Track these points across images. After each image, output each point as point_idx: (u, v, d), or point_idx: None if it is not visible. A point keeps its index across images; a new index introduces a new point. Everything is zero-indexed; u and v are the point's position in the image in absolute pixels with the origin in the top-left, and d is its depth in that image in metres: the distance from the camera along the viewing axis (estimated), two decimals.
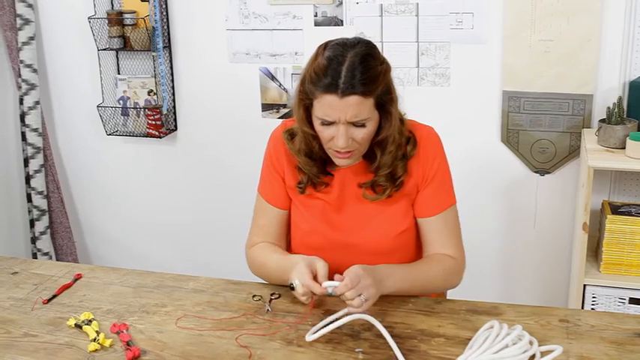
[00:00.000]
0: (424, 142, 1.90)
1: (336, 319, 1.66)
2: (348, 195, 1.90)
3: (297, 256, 1.85)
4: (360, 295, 1.63)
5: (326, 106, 1.71)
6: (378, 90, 1.72)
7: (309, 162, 1.87)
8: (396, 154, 1.83)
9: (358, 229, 1.90)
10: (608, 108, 2.72)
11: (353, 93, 1.68)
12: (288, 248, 2.03)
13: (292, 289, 1.69)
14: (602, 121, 2.74)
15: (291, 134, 1.91)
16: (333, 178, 1.91)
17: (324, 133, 1.77)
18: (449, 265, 1.90)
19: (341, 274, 1.67)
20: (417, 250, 1.98)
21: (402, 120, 1.85)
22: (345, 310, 1.67)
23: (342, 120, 1.71)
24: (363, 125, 1.74)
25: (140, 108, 3.47)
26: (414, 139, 1.88)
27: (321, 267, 1.71)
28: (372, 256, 1.84)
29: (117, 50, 3.46)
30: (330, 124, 1.74)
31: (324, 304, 1.79)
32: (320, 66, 1.72)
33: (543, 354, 1.50)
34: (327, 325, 1.67)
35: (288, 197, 1.98)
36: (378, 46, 1.82)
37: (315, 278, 1.69)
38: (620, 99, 2.73)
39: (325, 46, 1.77)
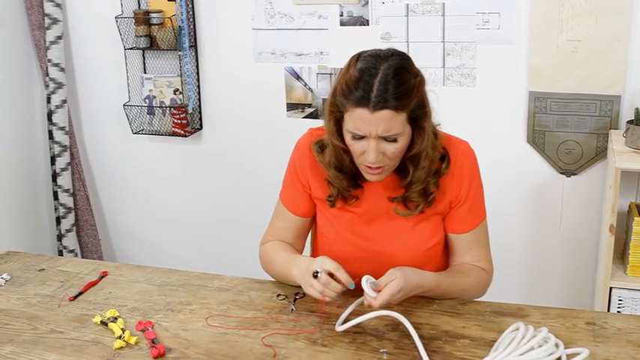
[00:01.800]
0: (460, 160, 1.86)
1: (358, 309, 1.67)
2: (378, 208, 1.88)
3: (304, 256, 1.87)
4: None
5: (357, 119, 1.67)
6: (411, 104, 1.67)
7: (340, 175, 1.84)
8: (429, 170, 1.79)
9: (388, 242, 1.88)
10: (637, 109, 2.69)
11: (385, 107, 1.63)
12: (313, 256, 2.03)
13: (315, 277, 1.67)
14: (630, 122, 2.71)
15: (320, 146, 1.88)
16: (364, 190, 1.88)
17: (354, 146, 1.73)
18: (482, 278, 1.91)
19: None
20: (444, 260, 1.98)
21: (435, 134, 1.80)
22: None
23: (373, 134, 1.67)
24: (394, 140, 1.69)
25: (166, 107, 3.49)
26: (448, 158, 1.84)
27: (337, 263, 1.70)
28: None
29: (143, 49, 3.48)
30: (361, 138, 1.70)
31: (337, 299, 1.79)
32: (352, 78, 1.67)
33: (569, 357, 1.49)
34: (351, 313, 1.68)
35: (307, 206, 1.97)
36: (404, 46, 1.81)
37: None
38: None
39: (358, 57, 1.72)
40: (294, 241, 2.00)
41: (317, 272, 1.67)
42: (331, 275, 1.68)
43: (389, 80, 1.64)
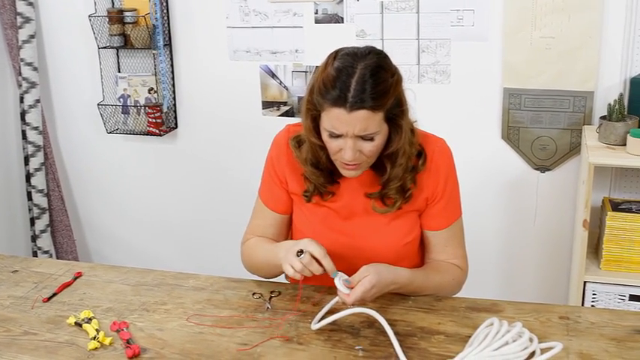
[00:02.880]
0: (436, 157, 1.87)
1: (334, 307, 1.68)
2: (355, 204, 1.88)
3: (289, 240, 1.86)
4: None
5: (334, 119, 1.67)
6: (388, 104, 1.68)
7: (316, 172, 1.84)
8: (406, 167, 1.80)
9: (364, 238, 1.88)
10: (609, 105, 2.72)
11: (362, 107, 1.63)
12: None
13: (299, 255, 1.67)
14: (603, 118, 2.73)
15: (298, 141, 1.88)
16: (340, 186, 1.89)
17: (331, 144, 1.73)
18: (457, 275, 1.92)
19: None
20: (420, 257, 1.99)
21: (412, 130, 1.80)
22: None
23: (350, 134, 1.67)
24: (371, 139, 1.70)
25: (140, 106, 3.47)
26: (424, 155, 1.85)
27: (323, 247, 1.71)
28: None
29: (117, 48, 3.46)
30: (338, 136, 1.70)
31: (313, 297, 1.79)
32: (329, 77, 1.67)
33: (543, 351, 1.50)
34: (328, 311, 1.69)
35: (286, 202, 1.97)
36: (379, 43, 1.81)
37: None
38: (621, 96, 2.73)
39: (335, 55, 1.71)
40: (275, 238, 2.00)
41: (301, 251, 1.68)
42: (315, 260, 1.68)
43: (366, 80, 1.64)
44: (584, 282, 2.64)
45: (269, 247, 1.90)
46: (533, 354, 1.50)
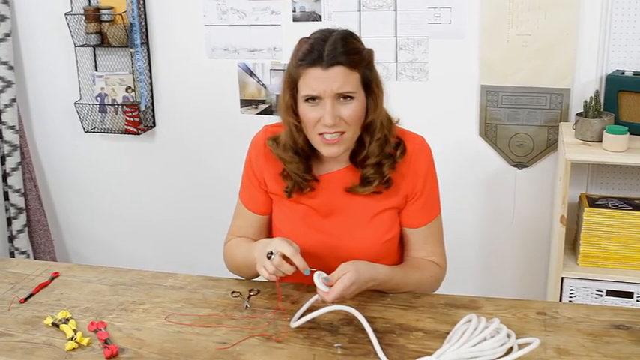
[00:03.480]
0: (416, 155, 1.89)
1: (313, 305, 1.68)
2: (335, 201, 1.89)
3: (265, 238, 1.87)
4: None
5: (311, 79, 1.72)
6: (362, 65, 1.75)
7: (294, 158, 1.85)
8: (383, 145, 1.82)
9: (344, 235, 1.88)
10: (585, 102, 2.73)
11: (338, 63, 1.70)
12: None
13: (269, 257, 1.67)
14: (580, 114, 2.75)
15: (276, 142, 1.89)
16: (320, 183, 1.89)
17: (310, 114, 1.75)
18: (436, 272, 1.93)
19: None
20: (399, 255, 1.99)
21: (390, 120, 1.85)
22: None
23: (328, 93, 1.71)
24: (349, 99, 1.73)
25: (118, 105, 3.45)
26: (403, 146, 1.87)
27: (296, 246, 1.70)
28: None
29: (94, 47, 3.44)
30: (317, 102, 1.73)
31: (292, 295, 1.79)
32: (304, 49, 1.75)
33: (521, 346, 1.51)
34: (307, 309, 1.69)
35: (265, 203, 1.98)
36: None
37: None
38: (597, 93, 2.75)
39: (307, 37, 1.80)
40: (256, 238, 1.99)
41: (271, 253, 1.67)
42: (287, 259, 1.68)
43: (338, 41, 1.73)
44: (562, 278, 2.66)
45: (247, 246, 1.90)
46: (510, 349, 1.51)
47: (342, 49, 1.71)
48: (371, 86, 1.78)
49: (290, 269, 1.67)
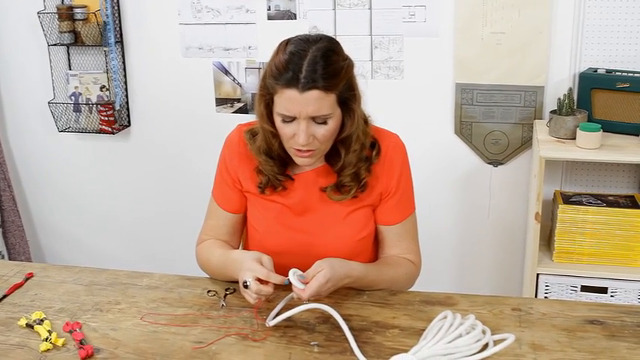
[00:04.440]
0: (391, 152, 1.89)
1: (289, 303, 1.68)
2: (310, 199, 1.89)
3: (238, 251, 1.85)
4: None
5: (286, 100, 1.68)
6: (340, 86, 1.70)
7: (269, 161, 1.84)
8: (360, 154, 1.82)
9: (319, 233, 1.88)
10: (559, 99, 2.76)
11: (314, 87, 1.65)
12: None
13: (246, 287, 1.67)
14: (553, 112, 2.78)
15: (252, 134, 1.88)
16: (295, 182, 1.89)
17: (284, 129, 1.74)
18: (410, 270, 1.93)
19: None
20: (374, 253, 1.99)
21: (365, 121, 1.84)
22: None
23: (303, 115, 1.68)
24: (324, 122, 1.71)
25: (92, 104, 3.43)
26: (378, 146, 1.87)
27: (267, 261, 1.69)
28: None
29: (68, 45, 3.41)
30: (291, 120, 1.71)
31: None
32: (281, 60, 1.69)
33: (496, 342, 1.52)
34: (283, 307, 1.68)
35: (239, 201, 1.97)
36: None
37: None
38: (570, 90, 2.77)
39: (288, 42, 1.74)
40: (229, 238, 1.99)
41: (246, 283, 1.66)
42: (262, 280, 1.67)
43: (317, 61, 1.67)
44: (537, 274, 2.68)
45: (220, 254, 1.89)
46: (486, 346, 1.52)
47: (320, 72, 1.66)
48: (348, 104, 1.75)
49: (270, 290, 1.65)
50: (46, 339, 1.64)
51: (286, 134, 1.75)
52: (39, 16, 3.33)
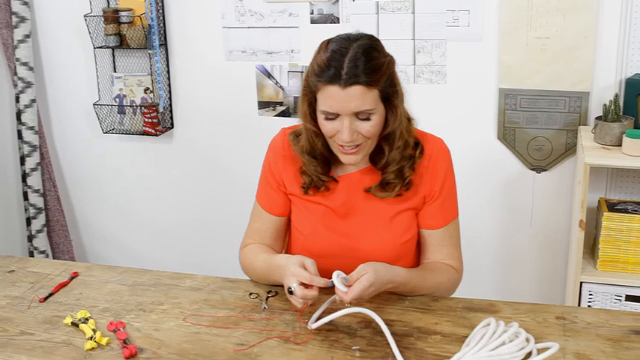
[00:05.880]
0: (435, 155, 1.89)
1: (331, 307, 1.67)
2: (354, 202, 1.89)
3: (282, 256, 1.85)
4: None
5: (329, 97, 1.70)
6: (382, 81, 1.71)
7: (312, 161, 1.85)
8: (403, 151, 1.82)
9: (362, 236, 1.88)
10: (605, 105, 2.72)
11: (356, 83, 1.67)
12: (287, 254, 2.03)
13: (291, 292, 1.67)
14: (599, 118, 2.74)
15: (296, 135, 1.90)
16: (339, 184, 1.90)
17: (327, 127, 1.75)
18: (452, 276, 1.92)
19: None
20: (416, 258, 1.99)
21: (409, 119, 1.84)
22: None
23: (346, 111, 1.69)
24: (367, 118, 1.72)
25: (136, 106, 3.47)
26: (422, 147, 1.87)
27: (310, 264, 1.70)
28: None
29: (113, 48, 3.46)
30: (335, 118, 1.72)
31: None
32: (323, 59, 1.71)
33: (540, 351, 1.50)
34: (325, 310, 1.69)
35: (284, 205, 1.97)
36: None
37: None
38: (616, 96, 2.73)
39: (329, 41, 1.76)
40: (273, 242, 2.00)
41: (290, 289, 1.67)
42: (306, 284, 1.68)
43: (359, 57, 1.68)
44: (581, 282, 2.64)
45: (266, 258, 1.90)
46: (529, 354, 1.51)
47: (362, 67, 1.67)
48: (390, 99, 1.75)
49: (315, 293, 1.66)
50: (91, 338, 1.66)
51: (330, 132, 1.76)
52: (85, 19, 3.38)
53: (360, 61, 1.68)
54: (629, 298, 2.62)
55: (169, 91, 3.46)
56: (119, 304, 1.85)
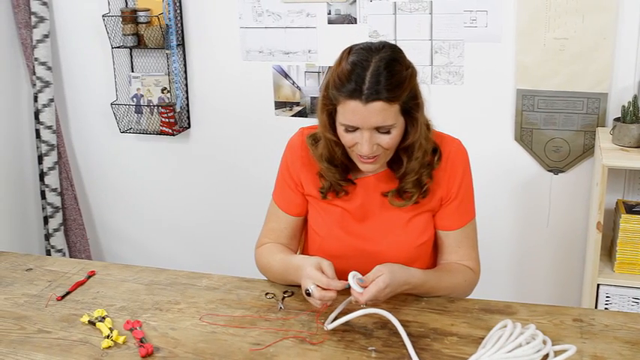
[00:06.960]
0: (453, 157, 1.88)
1: (347, 307, 1.68)
2: (371, 204, 1.89)
3: (299, 257, 1.85)
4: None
5: (349, 112, 1.68)
6: (404, 96, 1.69)
7: (331, 168, 1.85)
8: (422, 161, 1.81)
9: (379, 239, 1.88)
10: (623, 107, 2.70)
11: (377, 99, 1.64)
12: (303, 254, 2.03)
13: (308, 294, 1.67)
14: (617, 119, 2.72)
15: (314, 139, 1.89)
16: (356, 186, 1.89)
17: (347, 138, 1.74)
18: (469, 277, 1.91)
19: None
20: (433, 259, 1.98)
21: (428, 126, 1.82)
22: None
23: (367, 126, 1.68)
24: (387, 132, 1.71)
25: (153, 106, 3.48)
26: (439, 152, 1.86)
27: (327, 266, 1.69)
28: None
29: (131, 48, 3.47)
30: (354, 130, 1.71)
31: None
32: (344, 71, 1.68)
33: (557, 353, 1.49)
34: (342, 310, 1.69)
35: (301, 204, 1.97)
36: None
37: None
38: (635, 97, 2.72)
39: (349, 50, 1.73)
40: (289, 241, 2.00)
41: (308, 291, 1.67)
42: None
43: (381, 72, 1.65)
44: (598, 284, 2.63)
45: (282, 258, 1.90)
46: (546, 356, 1.50)
47: (384, 83, 1.64)
48: (411, 113, 1.73)
49: (333, 295, 1.66)
50: (108, 336, 1.67)
51: (349, 142, 1.75)
52: (103, 19, 3.40)
53: (382, 76, 1.65)
54: None
55: (186, 91, 3.47)
56: (136, 303, 1.86)
